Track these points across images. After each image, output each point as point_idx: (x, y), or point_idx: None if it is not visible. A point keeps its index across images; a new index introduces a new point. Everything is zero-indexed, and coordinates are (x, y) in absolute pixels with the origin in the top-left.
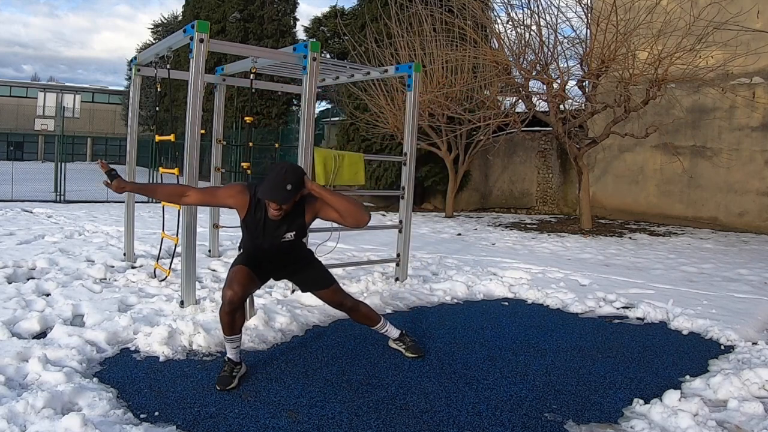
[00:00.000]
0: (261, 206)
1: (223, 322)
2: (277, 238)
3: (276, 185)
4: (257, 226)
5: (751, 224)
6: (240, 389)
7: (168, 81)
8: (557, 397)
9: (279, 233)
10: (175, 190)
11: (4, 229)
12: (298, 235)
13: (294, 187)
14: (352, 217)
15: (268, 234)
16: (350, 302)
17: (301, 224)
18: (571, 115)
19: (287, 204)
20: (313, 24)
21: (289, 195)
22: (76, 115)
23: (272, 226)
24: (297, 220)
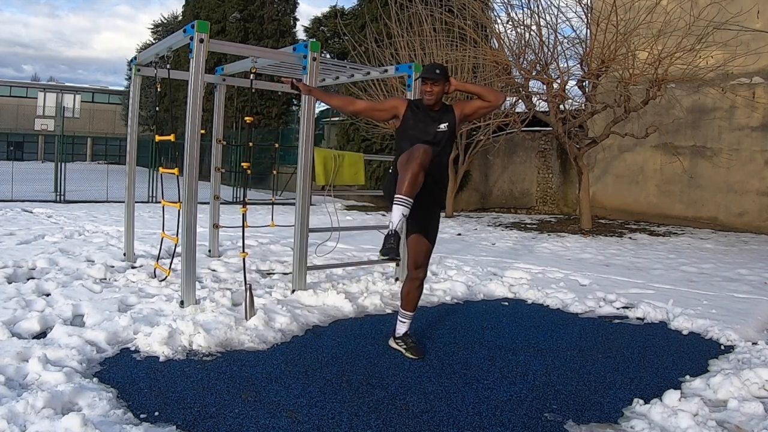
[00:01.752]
0: (418, 105)
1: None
2: (435, 128)
3: (429, 68)
4: (417, 120)
5: (751, 224)
6: (240, 389)
7: (168, 81)
8: (557, 397)
9: (436, 123)
10: (347, 99)
11: (4, 229)
12: (451, 127)
13: (441, 73)
14: (491, 94)
15: (428, 123)
16: (424, 274)
17: (452, 119)
18: (571, 115)
19: (437, 84)
20: (313, 24)
21: (437, 76)
22: (76, 115)
23: (430, 117)
24: (447, 115)
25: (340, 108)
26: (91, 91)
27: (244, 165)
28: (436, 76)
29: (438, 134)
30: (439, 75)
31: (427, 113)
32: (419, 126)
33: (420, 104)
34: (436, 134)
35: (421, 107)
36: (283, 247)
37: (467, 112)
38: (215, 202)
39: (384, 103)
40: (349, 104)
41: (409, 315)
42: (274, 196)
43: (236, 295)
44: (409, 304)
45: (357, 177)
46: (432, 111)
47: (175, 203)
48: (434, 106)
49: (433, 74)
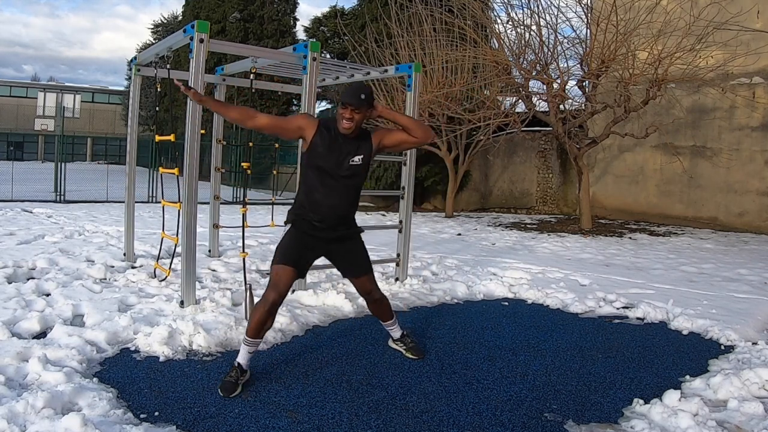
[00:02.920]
0: (330, 128)
1: (253, 321)
2: (347, 161)
3: (352, 91)
4: (325, 147)
5: (751, 224)
6: (240, 389)
7: (168, 81)
8: (557, 397)
9: (349, 155)
10: (247, 113)
11: (4, 229)
12: (365, 161)
13: (366, 99)
14: (419, 130)
15: (337, 154)
16: (378, 294)
17: (368, 149)
18: (571, 115)
19: (359, 111)
20: (313, 24)
21: (361, 103)
22: (76, 115)
23: (342, 145)
24: (364, 144)
25: (238, 122)
26: (91, 91)
27: (244, 165)
28: (360, 103)
29: (351, 168)
30: (363, 101)
31: (340, 141)
32: (329, 157)
33: (333, 127)
34: (349, 167)
35: (334, 132)
36: None
37: (387, 144)
38: (215, 202)
39: (288, 122)
40: (249, 118)
41: (390, 323)
42: (274, 196)
43: (236, 295)
44: (383, 318)
45: None
46: (346, 139)
47: (175, 203)
48: (349, 134)
49: (356, 100)
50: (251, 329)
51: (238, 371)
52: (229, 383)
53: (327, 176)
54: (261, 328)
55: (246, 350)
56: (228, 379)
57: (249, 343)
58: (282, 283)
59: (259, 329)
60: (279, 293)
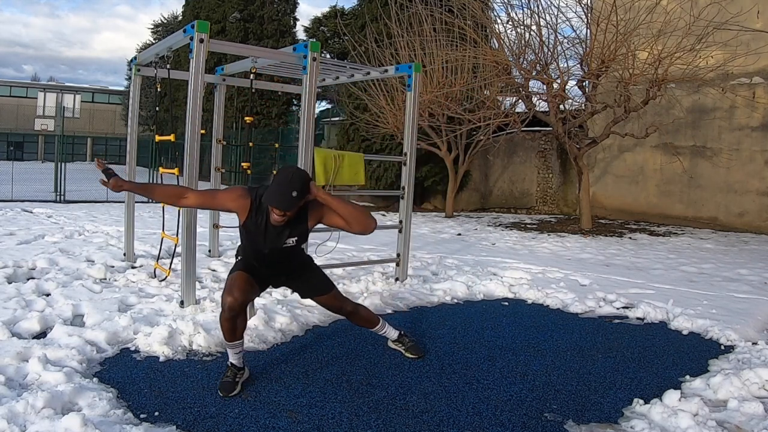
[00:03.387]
0: (262, 211)
1: (223, 328)
2: (279, 243)
3: (281, 192)
4: (258, 231)
5: (751, 224)
6: (240, 389)
7: (168, 81)
8: (557, 397)
9: (281, 239)
10: (173, 192)
11: (4, 229)
12: (300, 241)
13: (299, 194)
14: (358, 223)
15: (270, 239)
16: (350, 306)
17: (304, 230)
18: (571, 115)
19: (292, 211)
20: (313, 24)
21: (293, 201)
22: (76, 115)
23: (274, 231)
24: (300, 226)
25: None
26: (91, 91)
27: (244, 165)
28: (291, 205)
29: (284, 249)
30: (296, 199)
31: (271, 228)
32: (261, 240)
33: (266, 209)
34: (282, 250)
35: (266, 214)
36: None
37: (325, 223)
38: None
39: (217, 200)
40: (177, 198)
41: (379, 328)
42: None
43: None
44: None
45: (357, 177)
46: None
47: None
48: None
49: (287, 203)
50: (224, 335)
51: (233, 370)
52: (227, 383)
53: (261, 252)
54: (232, 332)
55: (231, 352)
56: (225, 379)
57: (230, 346)
58: (236, 285)
59: (232, 333)
60: (233, 296)
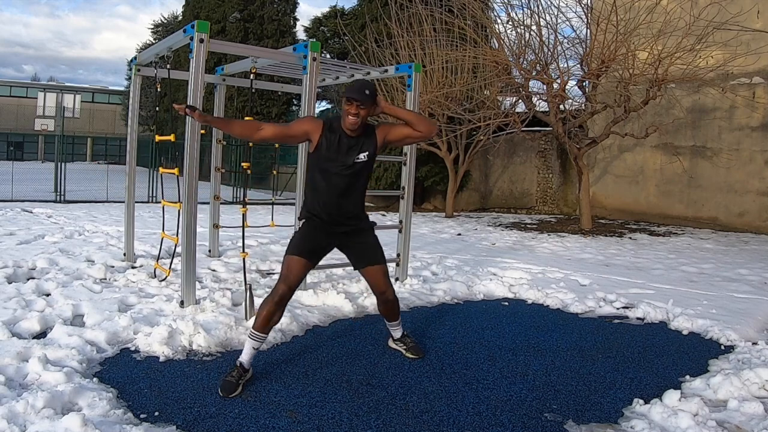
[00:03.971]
0: (335, 130)
1: (261, 315)
2: (351, 158)
3: (356, 87)
4: (331, 147)
5: (751, 224)
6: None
7: (168, 81)
8: (557, 397)
9: (353, 153)
10: (251, 125)
11: (4, 229)
12: (370, 157)
13: (370, 95)
14: (423, 124)
15: (343, 152)
16: (393, 296)
17: (373, 145)
18: (571, 115)
19: (364, 107)
20: (313, 24)
21: (366, 98)
22: (76, 115)
23: (347, 144)
24: (369, 141)
25: (244, 136)
26: (91, 91)
27: (244, 165)
28: (365, 98)
29: (356, 165)
30: (367, 97)
31: (344, 140)
32: (335, 157)
33: (337, 127)
34: (354, 165)
35: (338, 131)
36: (283, 247)
37: (392, 139)
38: (215, 202)
39: (293, 128)
40: (254, 132)
41: (395, 324)
42: (274, 196)
43: (236, 295)
44: (389, 318)
45: None
46: (350, 137)
47: (175, 203)
48: (354, 131)
49: (361, 95)
50: (259, 323)
51: (240, 370)
52: (230, 383)
53: (333, 175)
54: (269, 321)
55: (251, 346)
56: (228, 379)
57: (255, 338)
58: (293, 274)
59: (267, 323)
60: (289, 286)
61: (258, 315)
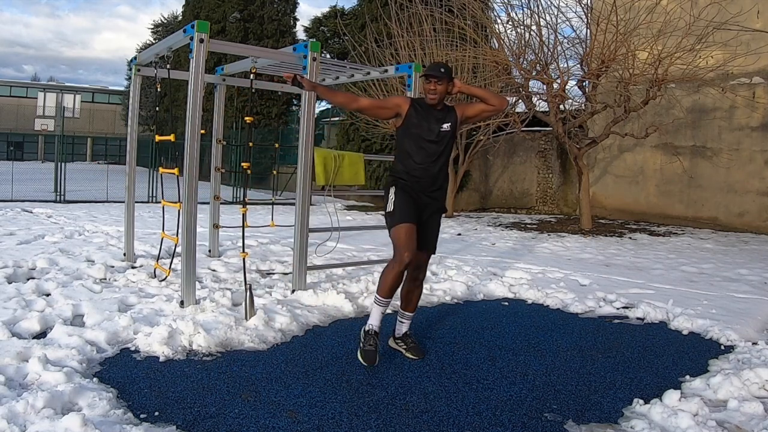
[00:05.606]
0: (421, 104)
1: (386, 284)
2: (438, 127)
3: (434, 67)
4: (420, 117)
5: (751, 224)
6: (240, 389)
7: (168, 81)
8: (557, 397)
9: (439, 123)
10: (351, 96)
11: (4, 229)
12: (453, 128)
13: (446, 72)
14: (495, 98)
15: (431, 122)
16: (423, 276)
17: (454, 119)
18: (571, 115)
19: (441, 82)
20: (313, 24)
21: (442, 75)
22: (76, 115)
23: (433, 116)
24: (450, 114)
25: (344, 105)
26: (91, 91)
27: (244, 165)
28: (441, 75)
29: (441, 133)
30: (443, 74)
31: (430, 112)
32: (423, 125)
33: (423, 103)
34: (439, 133)
35: (424, 106)
36: (283, 247)
37: (469, 114)
38: (215, 202)
39: (387, 101)
40: (353, 101)
41: (408, 315)
42: (274, 196)
43: (236, 295)
44: (409, 305)
45: (357, 177)
46: (435, 110)
47: (175, 203)
48: (437, 105)
49: (438, 72)
50: (385, 290)
51: (375, 339)
52: (371, 352)
53: (421, 140)
54: (393, 288)
55: (379, 311)
56: (368, 348)
57: (382, 303)
58: (412, 240)
59: (392, 289)
60: (411, 251)
61: (383, 283)
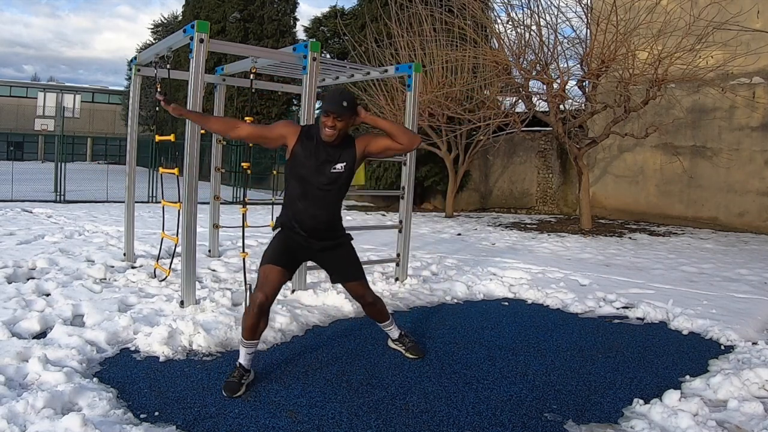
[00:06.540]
0: (312, 136)
1: (245, 325)
2: (328, 168)
3: (334, 99)
4: (308, 155)
5: (751, 224)
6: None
7: (168, 81)
8: (557, 397)
9: (330, 163)
10: (228, 122)
11: (4, 229)
12: (348, 168)
13: (349, 106)
14: (405, 136)
15: (320, 161)
16: (372, 297)
17: (352, 157)
18: (571, 115)
19: (341, 119)
20: (313, 24)
21: (343, 110)
22: (76, 115)
23: (324, 153)
24: (347, 151)
25: (221, 132)
26: (91, 91)
27: (244, 165)
28: (342, 110)
29: (332, 176)
30: (345, 109)
31: (321, 149)
32: (310, 164)
33: (315, 134)
34: (330, 175)
35: (316, 139)
36: None
37: (372, 150)
38: (215, 202)
39: (271, 130)
40: (231, 129)
41: (387, 324)
42: (274, 196)
43: (236, 295)
44: (379, 320)
45: (357, 177)
46: (328, 146)
47: (175, 203)
48: (333, 141)
49: (338, 108)
50: (244, 332)
51: (240, 371)
52: (233, 383)
53: (308, 185)
54: (254, 330)
55: (244, 351)
56: (231, 380)
57: (246, 345)
58: (269, 282)
59: (253, 332)
60: (266, 294)
61: (243, 326)
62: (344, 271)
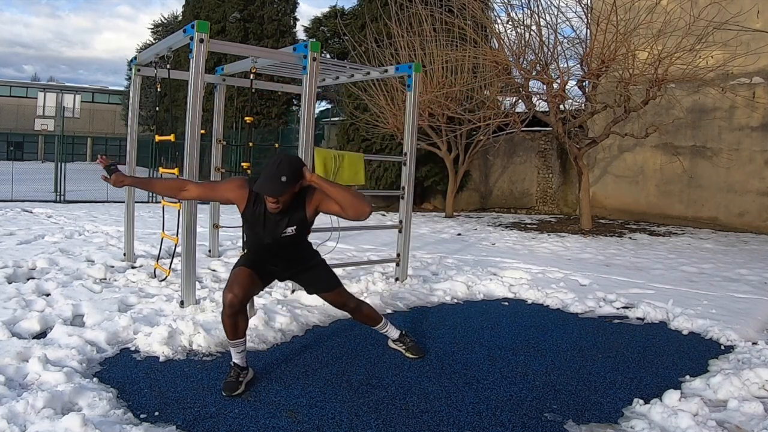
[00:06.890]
0: (260, 200)
1: (225, 326)
2: (278, 233)
3: (270, 177)
4: (257, 220)
5: (751, 224)
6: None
7: (168, 81)
8: (557, 397)
9: (279, 228)
10: (173, 185)
11: (4, 229)
12: (300, 229)
13: (290, 179)
14: (353, 209)
15: (269, 228)
16: (353, 303)
17: (302, 218)
18: (571, 115)
19: (283, 196)
20: (313, 24)
21: (283, 187)
22: (76, 115)
23: (273, 220)
24: (297, 214)
25: (168, 195)
26: (91, 91)
27: (244, 165)
28: (282, 190)
29: (284, 239)
30: (285, 185)
31: (269, 216)
32: (261, 229)
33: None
34: (281, 239)
35: (264, 204)
36: None
37: (323, 210)
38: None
39: (217, 191)
40: (178, 191)
41: (381, 326)
42: None
43: None
44: (371, 324)
45: (357, 177)
46: (276, 213)
47: (175, 203)
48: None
49: (277, 189)
50: (226, 333)
51: (236, 370)
52: (231, 383)
53: (261, 241)
54: (234, 329)
55: (234, 351)
56: (229, 379)
57: (233, 345)
58: (237, 281)
59: (233, 331)
60: (233, 293)
61: (223, 327)
62: (317, 284)
